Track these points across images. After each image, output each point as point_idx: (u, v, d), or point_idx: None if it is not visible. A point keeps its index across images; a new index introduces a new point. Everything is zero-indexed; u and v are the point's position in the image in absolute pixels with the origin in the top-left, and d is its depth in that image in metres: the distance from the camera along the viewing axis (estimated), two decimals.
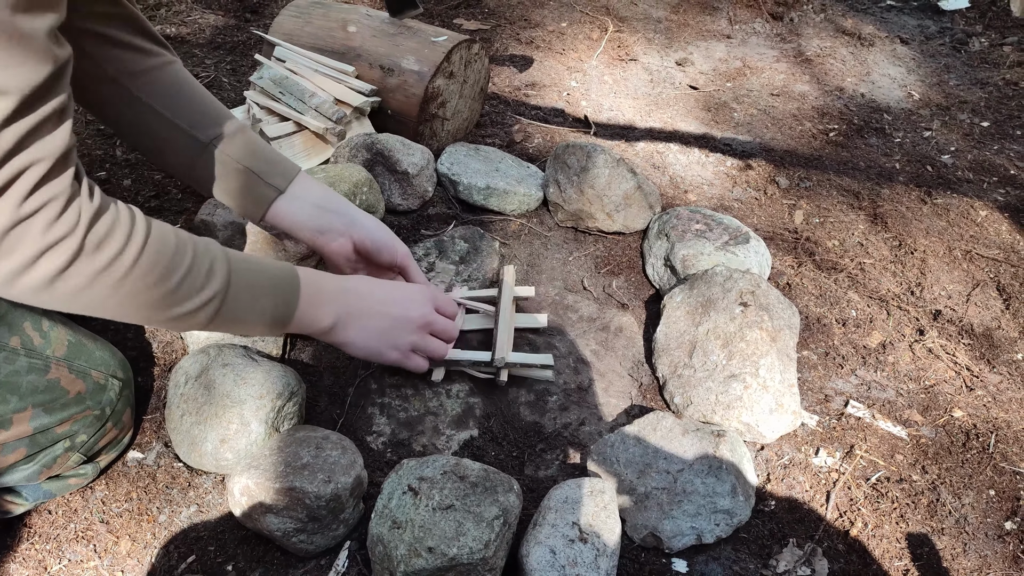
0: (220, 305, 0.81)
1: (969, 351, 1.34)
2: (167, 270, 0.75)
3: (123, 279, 0.72)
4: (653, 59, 2.28)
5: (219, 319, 0.83)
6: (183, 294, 0.77)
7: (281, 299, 0.89)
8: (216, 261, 0.81)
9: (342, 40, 1.66)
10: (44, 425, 0.91)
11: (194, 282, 0.78)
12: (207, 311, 0.81)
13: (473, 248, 1.41)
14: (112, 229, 0.71)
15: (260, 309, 0.87)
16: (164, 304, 0.77)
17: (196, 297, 0.79)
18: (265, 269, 0.89)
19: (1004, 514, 1.08)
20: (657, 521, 1.00)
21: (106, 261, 0.70)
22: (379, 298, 0.97)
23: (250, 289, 0.85)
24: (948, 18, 2.59)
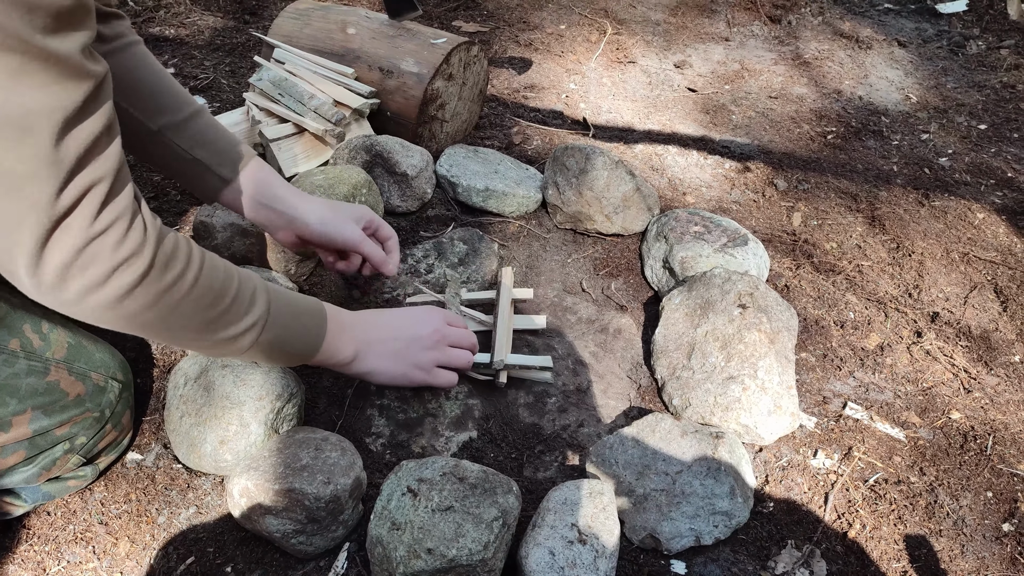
0: (261, 331, 0.83)
1: (967, 353, 1.34)
2: (220, 293, 0.77)
3: (184, 298, 0.73)
4: (651, 61, 2.29)
5: (258, 346, 0.85)
6: (230, 318, 0.79)
7: (312, 330, 0.91)
8: (258, 289, 0.83)
9: (341, 42, 1.66)
10: (43, 427, 0.91)
11: (241, 306, 0.80)
12: (250, 336, 0.82)
13: (472, 250, 1.41)
14: (176, 249, 0.72)
15: (294, 338, 0.89)
16: (213, 327, 0.78)
17: (241, 322, 0.81)
18: (296, 300, 0.90)
19: (1002, 516, 1.08)
20: (656, 523, 1.00)
21: (172, 280, 0.71)
22: (389, 324, 0.99)
23: (286, 318, 0.87)
24: (945, 21, 2.60)
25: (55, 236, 0.65)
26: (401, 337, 0.99)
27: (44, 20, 0.59)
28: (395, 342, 0.99)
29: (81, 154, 0.64)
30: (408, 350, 1.00)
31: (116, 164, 0.68)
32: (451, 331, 1.06)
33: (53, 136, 0.62)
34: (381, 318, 1.00)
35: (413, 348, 1.01)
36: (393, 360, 0.99)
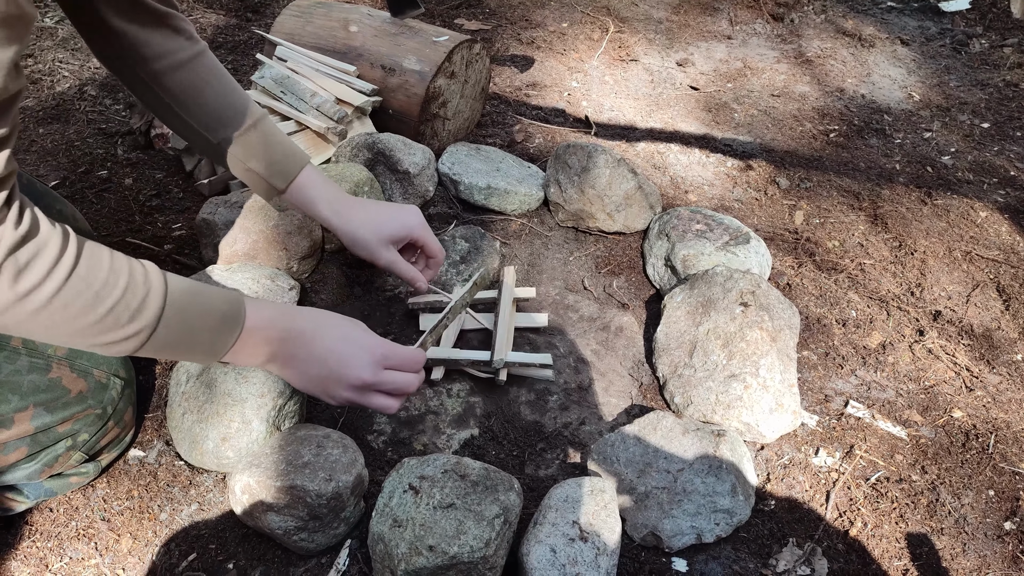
0: (147, 338, 0.78)
1: (969, 352, 1.34)
2: (91, 302, 0.72)
3: (41, 309, 0.69)
4: (654, 60, 2.28)
5: (145, 350, 0.80)
6: (107, 325, 0.74)
7: (215, 339, 0.85)
8: (151, 294, 0.78)
9: (343, 40, 1.66)
10: (45, 424, 0.92)
11: (120, 316, 0.75)
12: (132, 343, 0.78)
13: (474, 248, 1.41)
14: (34, 259, 0.68)
15: (190, 345, 0.83)
16: (85, 334, 0.74)
17: (121, 330, 0.76)
18: (208, 309, 0.84)
19: (1003, 514, 1.08)
20: (657, 520, 1.00)
21: (23, 291, 0.67)
22: (323, 347, 0.92)
23: (184, 326, 0.81)
24: (948, 19, 2.59)
25: None
26: (326, 365, 0.92)
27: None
28: (319, 367, 0.92)
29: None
30: (327, 380, 0.93)
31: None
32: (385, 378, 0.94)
33: None
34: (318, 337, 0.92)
35: (331, 381, 0.93)
36: (311, 381, 0.92)
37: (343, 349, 0.92)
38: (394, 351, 0.95)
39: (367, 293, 1.37)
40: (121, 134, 1.72)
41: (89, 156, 1.66)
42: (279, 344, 0.89)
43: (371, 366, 0.93)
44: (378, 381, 0.93)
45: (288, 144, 1.12)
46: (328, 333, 0.93)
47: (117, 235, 1.44)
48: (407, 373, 0.96)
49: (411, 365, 0.97)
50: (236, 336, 0.85)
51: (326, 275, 1.38)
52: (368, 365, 0.93)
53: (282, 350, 0.90)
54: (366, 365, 0.92)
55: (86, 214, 1.45)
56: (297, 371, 0.91)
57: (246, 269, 1.25)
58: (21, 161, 1.62)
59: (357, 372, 0.92)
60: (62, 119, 1.79)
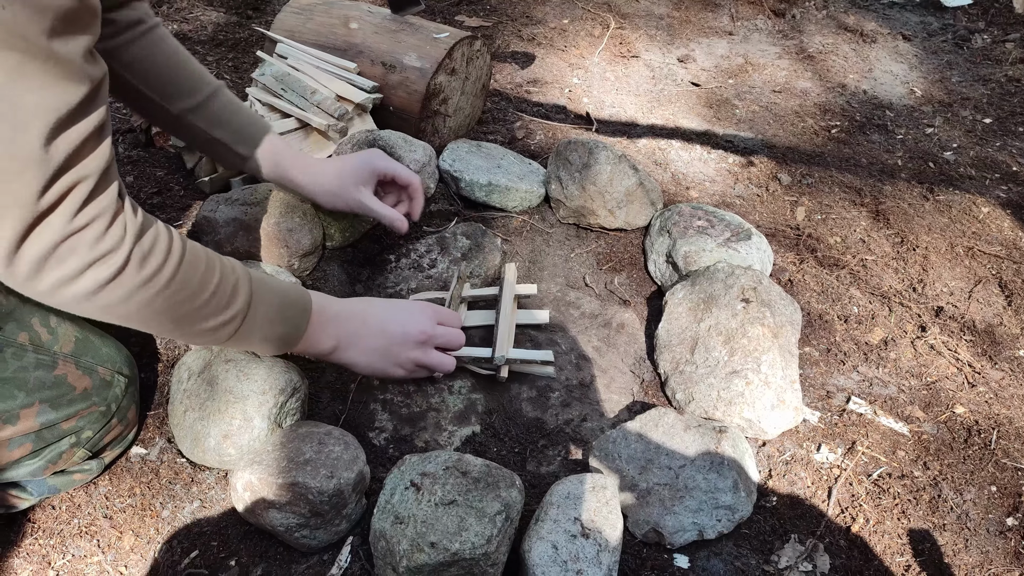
0: (241, 324, 0.84)
1: (971, 347, 1.34)
2: (199, 287, 0.78)
3: (160, 293, 0.75)
4: (655, 56, 2.28)
5: (237, 337, 0.86)
6: (210, 311, 0.80)
7: (293, 322, 0.91)
8: (240, 281, 0.84)
9: (344, 37, 1.66)
10: (50, 421, 0.92)
11: (220, 300, 0.81)
12: (229, 328, 0.83)
13: (475, 245, 1.41)
14: (154, 245, 0.74)
15: (274, 330, 0.89)
16: (192, 319, 0.80)
17: (221, 315, 0.82)
18: (282, 292, 0.91)
19: (1006, 510, 1.08)
20: (659, 517, 1.00)
21: (148, 275, 0.73)
22: (379, 318, 0.98)
23: (268, 311, 0.87)
24: (950, 15, 2.58)
25: (35, 231, 0.66)
26: (387, 332, 0.99)
27: (51, 22, 0.60)
28: (380, 338, 0.98)
29: (69, 154, 0.66)
30: (391, 348, 1.00)
31: (103, 163, 0.70)
32: (438, 332, 1.05)
33: (44, 136, 0.63)
34: (370, 311, 0.99)
35: (395, 347, 1.00)
36: (374, 356, 0.99)
37: (397, 315, 1.00)
38: (436, 307, 1.06)
39: (368, 291, 1.37)
40: (122, 132, 1.72)
41: None
42: (343, 322, 0.96)
43: (428, 319, 1.02)
44: (436, 333, 1.03)
45: (250, 112, 1.14)
46: (377, 307, 1.01)
47: None
48: (454, 331, 1.06)
49: (455, 320, 1.09)
50: (309, 317, 0.91)
51: (327, 273, 1.38)
52: (425, 319, 1.02)
53: (344, 331, 0.96)
54: (424, 319, 1.02)
55: None
56: (361, 348, 0.98)
57: (247, 267, 1.25)
58: None
59: (419, 327, 1.00)
60: None
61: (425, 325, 1.02)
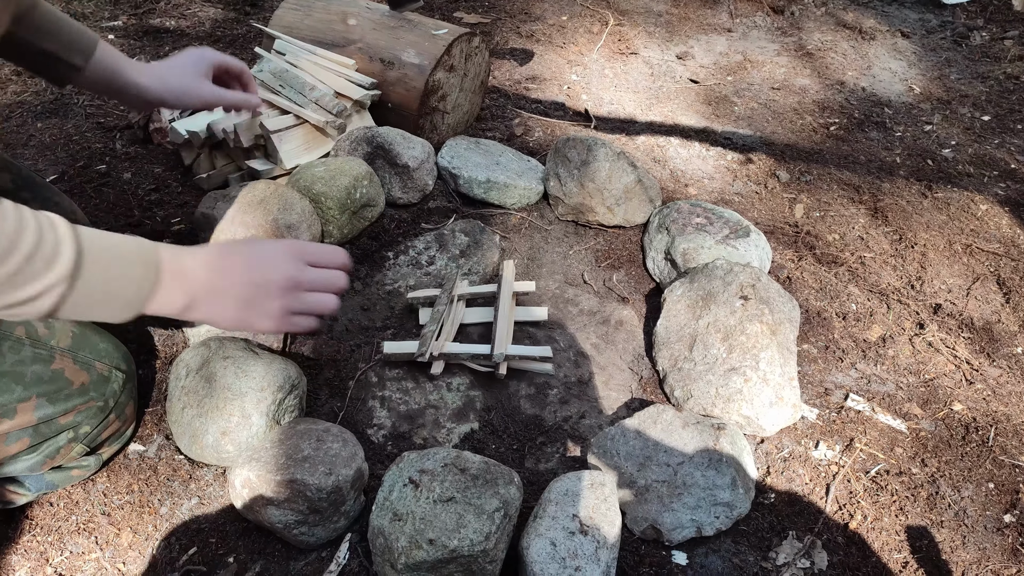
0: (65, 292, 0.73)
1: (969, 345, 1.34)
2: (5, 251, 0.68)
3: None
4: (654, 53, 2.28)
5: (66, 306, 0.74)
6: (24, 278, 0.70)
7: (137, 282, 0.79)
8: (62, 242, 0.72)
9: (342, 33, 1.66)
10: (48, 415, 0.92)
11: (36, 265, 0.70)
12: (49, 298, 0.72)
13: (474, 242, 1.41)
14: None
15: (112, 295, 0.77)
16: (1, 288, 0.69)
17: (37, 282, 0.70)
18: (122, 253, 0.78)
19: (1003, 507, 1.08)
20: (657, 514, 1.01)
21: None
22: (238, 267, 0.86)
23: (102, 273, 0.76)
24: (949, 12, 2.58)
25: None
26: (250, 282, 0.86)
27: None
28: (242, 289, 0.86)
29: None
30: (256, 299, 0.86)
31: None
32: (308, 275, 0.89)
33: None
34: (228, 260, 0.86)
35: (261, 296, 0.86)
36: (237, 310, 0.85)
37: (260, 259, 0.87)
38: (307, 244, 0.91)
39: (367, 287, 1.37)
40: (119, 128, 1.72)
41: (88, 150, 1.65)
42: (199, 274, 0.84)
43: (292, 262, 0.88)
44: (305, 278, 0.88)
45: (75, 22, 1.06)
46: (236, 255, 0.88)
47: (116, 229, 1.43)
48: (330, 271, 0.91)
49: (331, 258, 0.91)
50: (157, 276, 0.80)
51: None
52: (289, 261, 0.88)
53: (203, 285, 0.84)
54: (287, 261, 0.88)
55: (84, 208, 1.45)
56: (223, 303, 0.85)
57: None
58: (20, 155, 1.62)
59: (282, 272, 0.87)
60: (60, 114, 1.78)
61: (289, 269, 0.88)
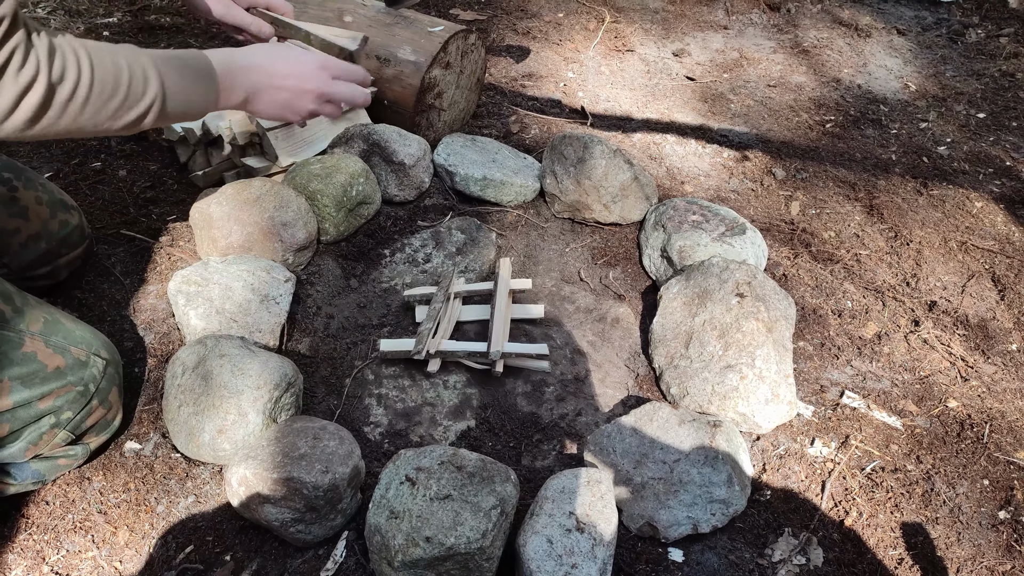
0: (162, 104, 0.91)
1: (964, 342, 1.34)
2: (115, 86, 0.85)
3: (85, 103, 0.83)
4: (650, 50, 2.28)
5: (163, 115, 0.93)
6: (131, 102, 0.88)
7: (204, 87, 0.98)
8: (147, 67, 0.90)
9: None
10: (24, 399, 0.91)
11: (136, 90, 0.88)
12: (153, 112, 0.91)
13: (470, 239, 1.41)
14: (66, 64, 0.80)
15: (190, 100, 0.97)
16: (118, 114, 0.87)
17: (141, 102, 0.89)
18: (186, 63, 0.96)
19: (998, 503, 1.09)
20: (654, 511, 1.01)
21: (70, 90, 0.81)
22: (279, 72, 1.08)
23: (180, 84, 0.94)
24: (945, 9, 2.59)
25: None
26: (286, 87, 1.08)
27: None
28: (281, 92, 1.08)
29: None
30: (292, 100, 1.10)
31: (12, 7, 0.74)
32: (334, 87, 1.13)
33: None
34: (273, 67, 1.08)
35: (296, 100, 1.10)
36: (278, 106, 1.10)
37: (295, 69, 1.10)
38: (332, 61, 1.16)
39: (363, 285, 1.37)
40: None
41: (83, 147, 1.65)
42: (247, 76, 1.05)
43: (321, 74, 1.12)
44: (331, 90, 1.13)
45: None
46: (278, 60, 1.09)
47: (111, 227, 1.43)
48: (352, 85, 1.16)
49: (353, 72, 1.17)
50: (216, 79, 0.99)
51: (322, 267, 1.37)
52: (320, 75, 1.12)
53: (250, 84, 1.05)
54: (318, 75, 1.12)
55: (80, 205, 1.44)
56: (266, 100, 1.08)
57: (242, 261, 1.25)
58: (14, 153, 1.61)
59: (312, 83, 1.11)
60: None
61: (318, 83, 1.11)
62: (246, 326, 1.17)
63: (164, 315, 1.26)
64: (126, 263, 1.36)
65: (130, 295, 1.30)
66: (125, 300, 1.29)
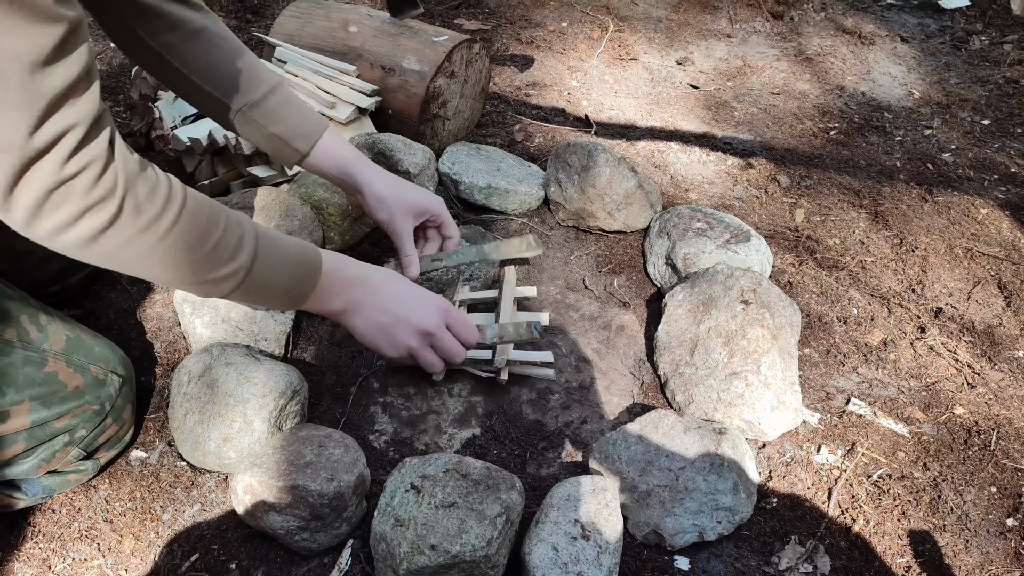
0: (245, 277, 0.85)
1: (970, 348, 1.34)
2: (201, 236, 0.79)
3: (160, 240, 0.75)
4: (654, 58, 2.28)
5: (242, 290, 0.86)
6: (214, 261, 0.81)
7: (299, 281, 0.92)
8: (245, 235, 0.85)
9: (343, 40, 1.66)
10: (42, 419, 0.92)
11: (224, 252, 0.82)
12: (232, 281, 0.84)
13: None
14: (152, 193, 0.74)
15: (279, 287, 0.90)
16: (196, 268, 0.80)
17: (225, 267, 0.83)
18: (290, 250, 0.91)
19: (1006, 511, 1.08)
20: (659, 518, 1.00)
21: (145, 223, 0.74)
22: (390, 295, 1.00)
23: (273, 267, 0.88)
24: (948, 16, 2.59)
25: (26, 176, 0.66)
26: (392, 313, 1.00)
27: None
28: (384, 315, 1.00)
29: (55, 97, 0.65)
30: (391, 329, 1.01)
31: (92, 110, 0.69)
32: (442, 335, 1.04)
33: (24, 79, 0.63)
34: (386, 286, 1.01)
35: (397, 328, 1.01)
36: (374, 330, 1.01)
37: (410, 300, 1.02)
38: (455, 313, 1.06)
39: None
40: (122, 136, 1.73)
41: None
42: (355, 288, 0.98)
43: (437, 318, 1.03)
44: (440, 336, 1.03)
45: (308, 108, 1.16)
46: (394, 285, 1.03)
47: None
48: (458, 343, 1.06)
49: (467, 330, 1.07)
50: (317, 277, 0.93)
51: None
52: (435, 317, 1.03)
53: (353, 296, 0.98)
54: (433, 314, 1.03)
55: None
56: (364, 318, 1.00)
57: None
58: None
59: (426, 321, 1.02)
60: None
61: (432, 322, 1.02)
62: (252, 335, 1.18)
63: (170, 324, 1.27)
64: None
65: (136, 304, 1.30)
66: (131, 309, 1.29)
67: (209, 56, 1.06)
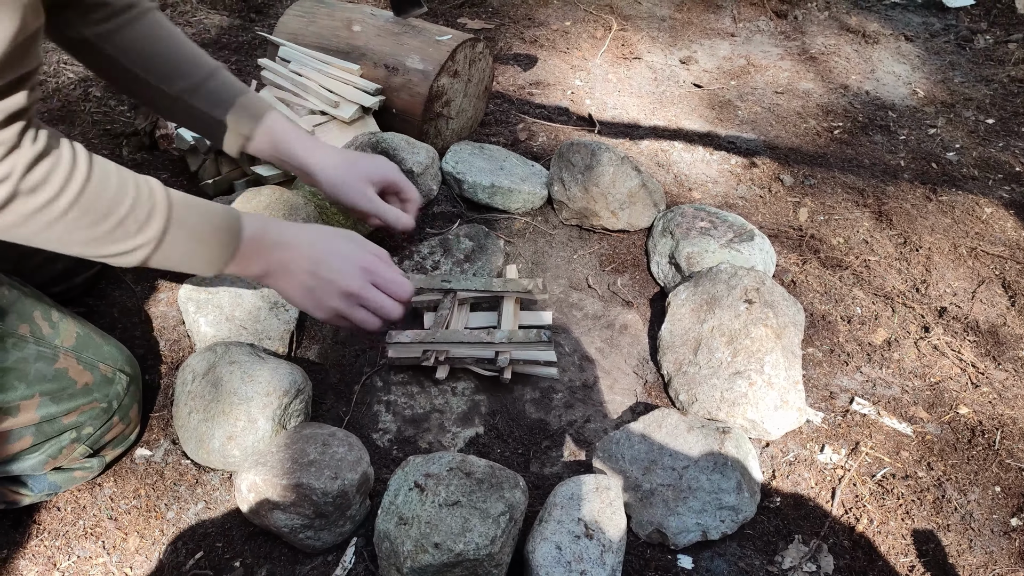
0: (152, 251, 0.84)
1: (975, 348, 1.34)
2: (103, 214, 0.79)
3: (57, 220, 0.76)
4: (657, 57, 2.28)
5: (154, 260, 0.85)
6: (120, 235, 0.80)
7: (218, 248, 0.89)
8: (156, 207, 0.83)
9: (347, 39, 1.66)
10: (51, 414, 0.92)
11: (131, 225, 0.81)
12: (139, 254, 0.83)
13: (478, 246, 1.42)
14: (50, 175, 0.75)
15: (194, 257, 0.88)
16: (96, 243, 0.80)
17: (129, 241, 0.81)
18: (210, 219, 0.89)
19: (1010, 510, 1.08)
20: (663, 517, 1.00)
21: (40, 203, 0.74)
22: (312, 257, 0.96)
23: (187, 238, 0.86)
24: (953, 15, 2.58)
25: None
26: (316, 275, 0.95)
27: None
28: (308, 278, 0.95)
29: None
30: (317, 291, 0.96)
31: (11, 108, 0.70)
32: (369, 295, 0.98)
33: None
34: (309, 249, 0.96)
35: (321, 291, 0.96)
36: (300, 292, 0.96)
37: (333, 259, 0.97)
38: (382, 266, 1.00)
39: None
40: (126, 135, 1.73)
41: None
42: (274, 253, 0.94)
43: (360, 276, 0.97)
44: (364, 295, 0.97)
45: (250, 90, 1.12)
46: (322, 243, 0.97)
47: None
48: (390, 298, 0.99)
49: (395, 287, 1.00)
50: (236, 247, 0.90)
51: None
52: (358, 275, 0.97)
53: (277, 261, 0.94)
54: (356, 275, 0.97)
55: None
56: (290, 282, 0.96)
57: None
58: None
59: (349, 280, 0.96)
60: (67, 120, 1.79)
61: (356, 283, 0.97)
62: (256, 333, 1.18)
63: (174, 322, 1.27)
64: (137, 271, 1.37)
65: (141, 302, 1.31)
66: (136, 307, 1.30)
67: (145, 41, 1.03)
